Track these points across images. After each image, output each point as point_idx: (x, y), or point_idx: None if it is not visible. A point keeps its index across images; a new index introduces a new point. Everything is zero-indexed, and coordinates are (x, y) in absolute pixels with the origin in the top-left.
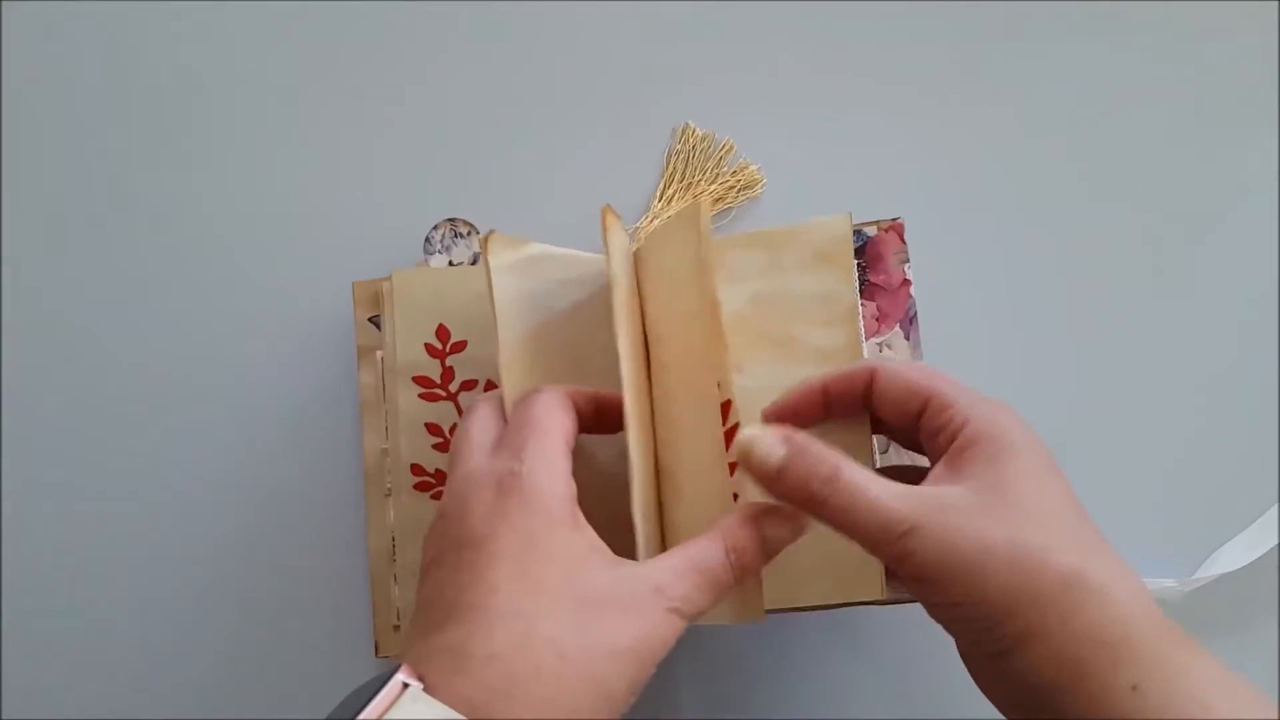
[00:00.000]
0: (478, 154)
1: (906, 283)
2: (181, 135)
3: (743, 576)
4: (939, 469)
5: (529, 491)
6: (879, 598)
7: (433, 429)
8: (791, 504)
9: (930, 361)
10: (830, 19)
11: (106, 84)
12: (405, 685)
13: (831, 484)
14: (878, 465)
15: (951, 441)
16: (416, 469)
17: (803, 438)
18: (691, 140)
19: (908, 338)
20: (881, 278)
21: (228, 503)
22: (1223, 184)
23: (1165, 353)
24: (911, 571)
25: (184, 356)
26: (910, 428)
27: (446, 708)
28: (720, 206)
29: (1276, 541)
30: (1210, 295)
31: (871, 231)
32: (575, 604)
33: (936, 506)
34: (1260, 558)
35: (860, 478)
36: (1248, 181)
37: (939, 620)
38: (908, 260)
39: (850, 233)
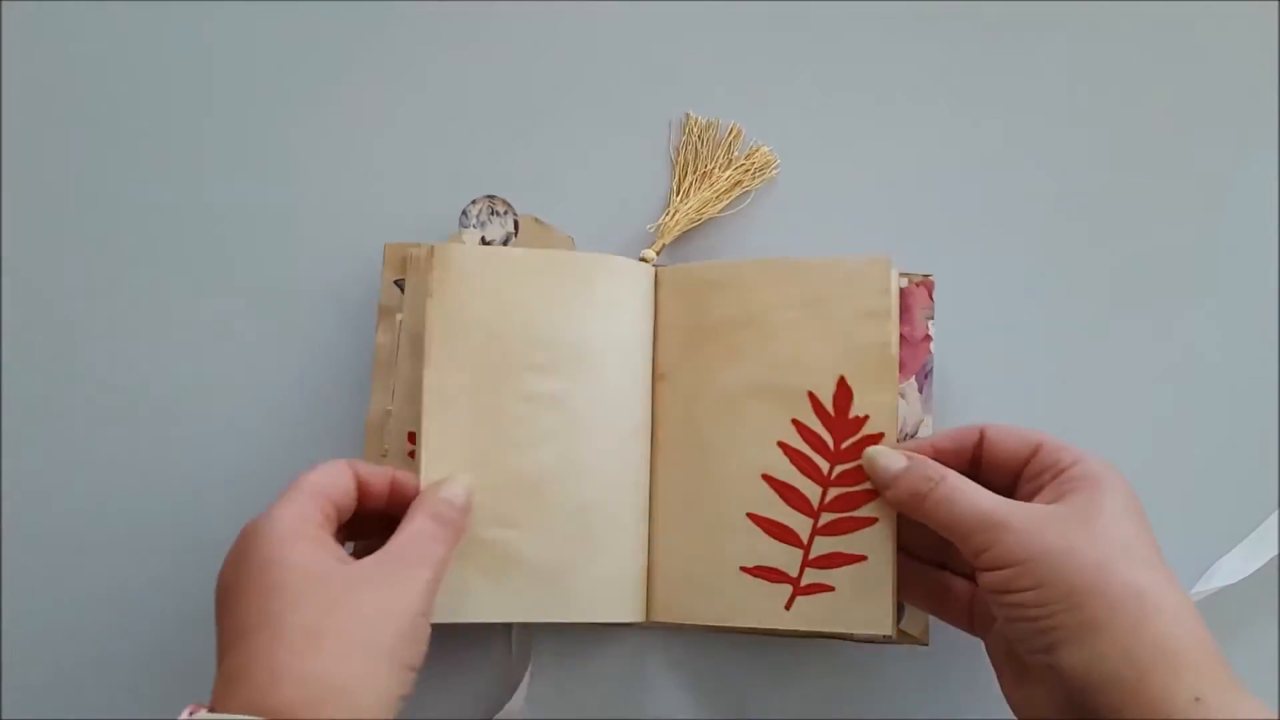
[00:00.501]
0: (487, 150)
1: (928, 338)
2: (216, 116)
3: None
4: (1042, 495)
5: (265, 528)
6: (888, 633)
7: None
8: (901, 507)
9: (940, 413)
10: (832, 8)
11: (138, 55)
12: (191, 714)
13: (935, 482)
14: None
15: (1056, 477)
16: (412, 437)
17: (921, 456)
18: (697, 129)
19: (920, 390)
20: (906, 329)
21: (235, 475)
22: (1225, 195)
23: (1160, 368)
24: (995, 559)
25: (209, 312)
26: (1012, 476)
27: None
28: (740, 190)
29: (1275, 552)
30: (1206, 310)
31: (903, 283)
32: (321, 593)
33: (1031, 512)
34: (1259, 570)
35: (965, 483)
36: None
37: (1005, 608)
38: (932, 317)
39: (892, 284)
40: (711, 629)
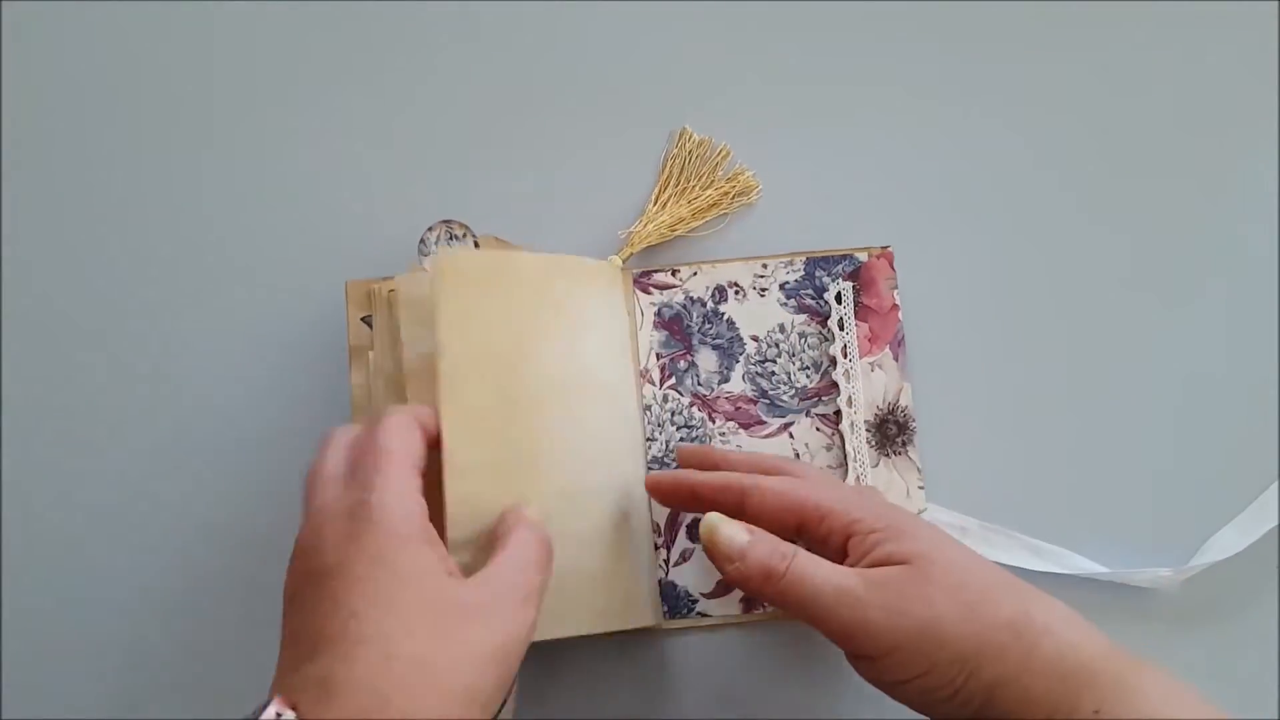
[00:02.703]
0: (473, 156)
1: (895, 307)
2: (178, 136)
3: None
4: (862, 557)
5: (377, 517)
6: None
7: None
8: (748, 584)
9: (917, 377)
10: (834, 29)
11: (103, 89)
12: (279, 715)
13: (788, 560)
14: None
15: (845, 541)
16: None
17: (762, 530)
18: (689, 145)
19: (896, 359)
20: (874, 300)
21: (218, 500)
22: (1217, 194)
23: (1154, 349)
24: (867, 647)
25: (177, 356)
26: (793, 539)
27: None
28: (716, 212)
29: (1273, 524)
30: (1202, 294)
31: (863, 257)
32: (434, 618)
33: (878, 581)
34: (1255, 543)
35: (811, 560)
36: (1247, 191)
37: (907, 701)
38: (897, 286)
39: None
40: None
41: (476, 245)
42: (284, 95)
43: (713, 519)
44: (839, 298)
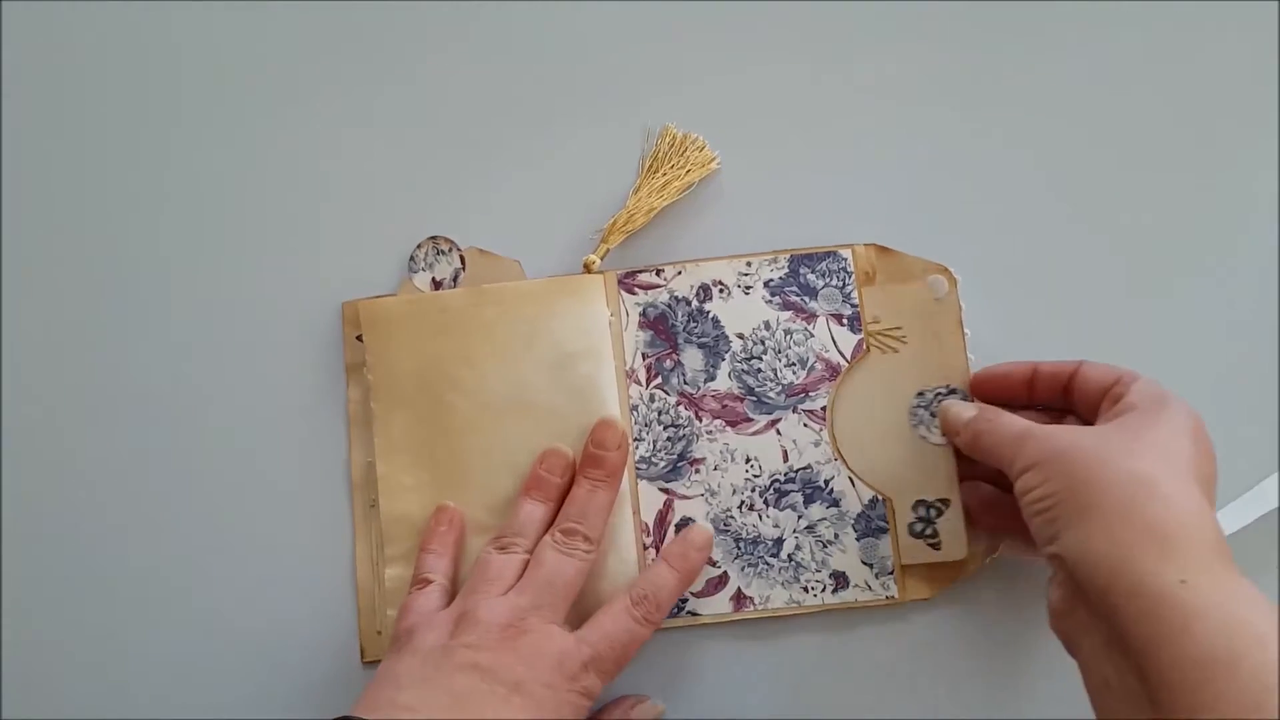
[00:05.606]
0: (466, 170)
1: None
2: (170, 150)
3: None
4: (1100, 419)
5: None
6: None
7: None
8: (967, 447)
9: None
10: (819, 24)
11: (98, 110)
12: None
13: (990, 420)
14: None
15: (1115, 404)
16: None
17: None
18: (672, 140)
19: None
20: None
21: (217, 508)
22: (1214, 191)
23: (1146, 348)
24: (1020, 467)
25: (178, 369)
26: (1095, 405)
27: None
28: (677, 185)
29: (1272, 507)
30: (1198, 294)
31: (847, 254)
32: None
33: (1056, 426)
34: (1255, 522)
35: (1004, 415)
36: (1246, 189)
37: (1024, 508)
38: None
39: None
40: None
41: (462, 259)
42: (270, 112)
43: (946, 403)
44: (827, 294)
